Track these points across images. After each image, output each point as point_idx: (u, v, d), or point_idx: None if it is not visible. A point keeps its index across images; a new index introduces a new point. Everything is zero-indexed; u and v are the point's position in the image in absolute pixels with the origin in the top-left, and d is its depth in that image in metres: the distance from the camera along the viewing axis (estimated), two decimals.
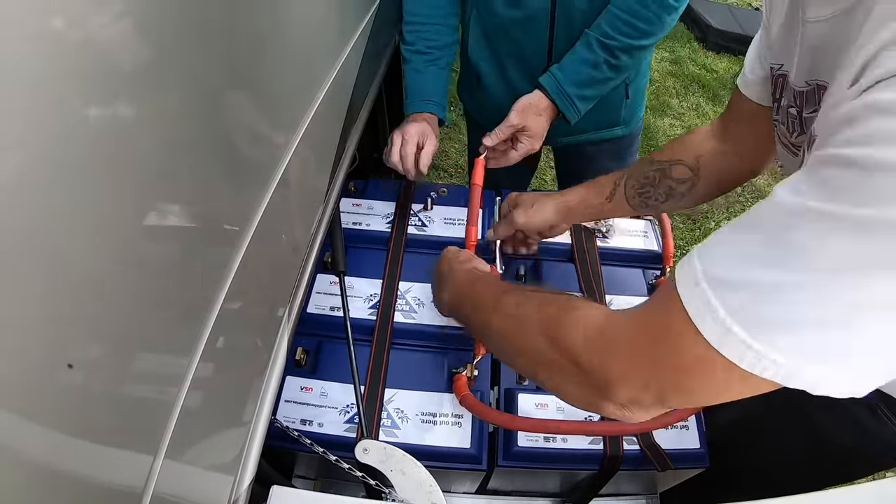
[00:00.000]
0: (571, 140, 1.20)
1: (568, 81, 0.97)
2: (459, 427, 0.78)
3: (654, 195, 0.82)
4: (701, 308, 0.38)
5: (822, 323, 0.34)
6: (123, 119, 0.35)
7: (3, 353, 0.28)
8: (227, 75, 0.50)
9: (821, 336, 0.34)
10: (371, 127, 1.33)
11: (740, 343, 0.36)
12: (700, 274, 0.39)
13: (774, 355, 0.35)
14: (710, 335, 0.37)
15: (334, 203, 0.88)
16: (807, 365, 0.35)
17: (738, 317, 0.36)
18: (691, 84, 3.41)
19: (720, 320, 0.37)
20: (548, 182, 2.48)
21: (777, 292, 0.35)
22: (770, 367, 0.36)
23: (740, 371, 0.37)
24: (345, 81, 0.86)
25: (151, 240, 0.41)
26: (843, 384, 0.35)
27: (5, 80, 0.26)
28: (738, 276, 0.37)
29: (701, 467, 0.81)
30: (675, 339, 0.40)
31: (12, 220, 0.27)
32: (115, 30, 0.34)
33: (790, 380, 0.36)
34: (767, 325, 0.35)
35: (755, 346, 0.35)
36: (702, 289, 0.38)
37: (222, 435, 0.57)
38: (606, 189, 0.87)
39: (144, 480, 0.42)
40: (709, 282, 0.38)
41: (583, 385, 0.50)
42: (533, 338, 0.55)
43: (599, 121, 1.15)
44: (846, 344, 0.34)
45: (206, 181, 0.48)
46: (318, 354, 0.84)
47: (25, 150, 0.28)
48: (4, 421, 0.28)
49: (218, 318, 0.50)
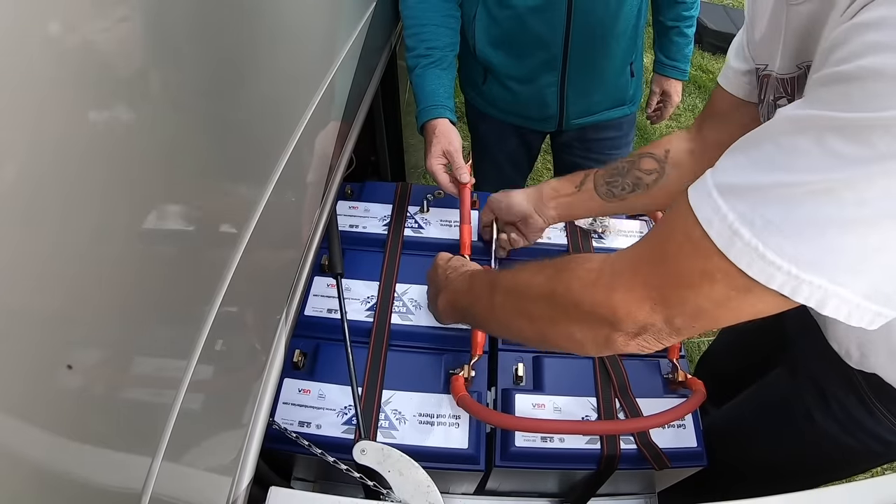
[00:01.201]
0: (583, 122, 1.25)
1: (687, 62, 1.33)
2: (457, 428, 0.78)
3: (622, 184, 0.83)
4: (710, 214, 0.38)
5: (826, 225, 0.34)
6: (122, 121, 0.36)
7: (2, 353, 0.28)
8: (224, 79, 0.50)
9: (825, 240, 0.34)
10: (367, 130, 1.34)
11: (747, 247, 0.36)
12: (711, 184, 0.39)
13: (781, 262, 0.35)
14: (717, 238, 0.38)
15: (331, 206, 0.89)
16: (813, 273, 0.35)
17: (746, 219, 0.36)
18: (688, 85, 3.41)
19: (729, 223, 0.37)
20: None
21: (781, 194, 0.35)
22: (776, 274, 0.36)
23: (746, 280, 0.37)
24: (341, 85, 0.86)
25: (150, 242, 0.41)
26: (852, 303, 0.35)
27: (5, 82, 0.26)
28: (745, 181, 0.38)
29: (698, 466, 0.82)
30: (682, 250, 0.41)
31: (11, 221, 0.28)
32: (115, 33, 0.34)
33: (797, 292, 0.36)
34: (774, 227, 0.35)
35: (761, 250, 0.36)
36: (713, 197, 0.38)
37: (220, 436, 0.58)
38: (577, 178, 0.89)
39: (143, 481, 0.42)
40: (719, 189, 0.38)
41: (591, 326, 0.49)
42: (533, 302, 0.56)
43: (612, 99, 1.24)
44: (851, 250, 0.34)
45: (203, 184, 0.49)
46: (315, 356, 0.84)
47: (24, 151, 0.28)
48: (4, 422, 0.29)
49: (216, 321, 0.51)
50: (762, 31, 0.59)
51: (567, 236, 1.05)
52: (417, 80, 1.08)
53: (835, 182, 0.33)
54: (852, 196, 0.33)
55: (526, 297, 0.57)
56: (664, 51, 1.33)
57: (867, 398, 0.71)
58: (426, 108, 1.06)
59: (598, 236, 1.06)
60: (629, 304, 0.45)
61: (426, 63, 1.06)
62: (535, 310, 0.55)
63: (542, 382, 0.84)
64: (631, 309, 0.45)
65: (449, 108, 1.07)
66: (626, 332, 0.47)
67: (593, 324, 0.49)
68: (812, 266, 0.35)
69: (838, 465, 0.82)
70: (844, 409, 0.73)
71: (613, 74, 1.18)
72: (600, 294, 0.47)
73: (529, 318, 0.57)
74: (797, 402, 0.80)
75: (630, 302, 0.45)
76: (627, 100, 1.27)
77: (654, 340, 0.47)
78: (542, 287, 0.54)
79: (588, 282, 0.49)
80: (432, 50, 1.06)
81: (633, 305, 0.45)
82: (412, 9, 1.06)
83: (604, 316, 0.47)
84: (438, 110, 1.05)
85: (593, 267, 0.49)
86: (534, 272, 0.57)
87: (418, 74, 1.07)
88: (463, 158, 1.02)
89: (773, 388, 0.88)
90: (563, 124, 1.24)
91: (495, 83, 1.20)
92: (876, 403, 0.70)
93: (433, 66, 1.06)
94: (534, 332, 0.57)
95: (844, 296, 0.35)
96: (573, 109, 1.21)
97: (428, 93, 1.06)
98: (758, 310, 0.40)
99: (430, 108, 1.05)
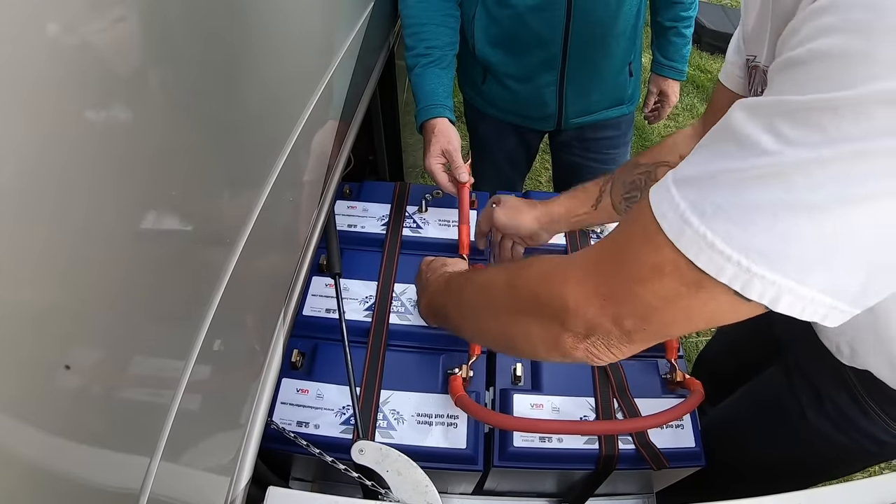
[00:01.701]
0: (582, 121, 1.26)
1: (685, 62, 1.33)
2: (455, 428, 0.78)
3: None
4: (665, 207, 0.37)
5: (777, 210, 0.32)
6: (120, 122, 0.36)
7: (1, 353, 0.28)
8: (223, 79, 0.50)
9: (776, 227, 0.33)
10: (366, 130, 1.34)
11: (695, 234, 0.35)
12: (670, 179, 0.38)
13: (731, 251, 0.34)
14: (668, 228, 0.37)
15: (329, 205, 0.88)
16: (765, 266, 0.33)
17: (697, 207, 0.35)
18: (685, 85, 3.42)
19: (680, 212, 0.36)
20: (543, 184, 2.49)
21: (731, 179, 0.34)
22: (726, 266, 0.34)
23: (696, 274, 0.36)
24: (339, 84, 0.86)
25: (148, 242, 0.41)
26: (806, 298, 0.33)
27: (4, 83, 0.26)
28: (700, 171, 0.37)
29: (696, 466, 0.82)
30: (635, 244, 0.40)
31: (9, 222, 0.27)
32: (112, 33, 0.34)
33: (749, 287, 0.34)
34: (722, 214, 0.34)
35: (709, 237, 0.34)
36: (670, 192, 0.37)
37: (219, 437, 0.58)
38: (592, 196, 0.87)
39: (141, 481, 0.42)
40: (676, 183, 0.38)
41: (543, 322, 0.48)
42: (497, 296, 0.55)
43: (610, 99, 1.24)
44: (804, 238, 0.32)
45: (201, 184, 0.49)
46: (313, 356, 0.84)
47: (22, 152, 0.28)
48: (2, 421, 0.29)
49: (214, 321, 0.51)
50: (752, 22, 0.59)
51: (566, 237, 1.05)
52: (416, 80, 1.08)
53: (785, 166, 0.32)
54: (804, 180, 0.31)
55: (491, 292, 0.57)
56: (662, 51, 1.34)
57: (860, 396, 0.71)
58: (425, 108, 1.06)
59: (596, 236, 1.06)
60: (578, 297, 0.44)
61: (426, 62, 1.06)
62: (499, 304, 0.55)
63: (540, 382, 0.84)
64: (580, 303, 0.44)
65: (448, 107, 1.07)
66: (574, 331, 0.45)
67: (545, 319, 0.48)
68: (763, 257, 0.33)
69: (833, 463, 0.82)
70: (837, 407, 0.74)
71: (612, 74, 1.18)
72: (555, 285, 0.46)
73: (495, 314, 0.57)
74: (791, 401, 0.80)
75: (580, 295, 0.44)
76: (626, 99, 1.27)
77: (604, 346, 0.45)
78: (505, 280, 0.54)
79: (546, 273, 0.49)
80: (432, 49, 1.06)
81: (582, 299, 0.44)
82: (412, 8, 1.06)
83: (555, 309, 0.46)
84: (438, 109, 1.05)
85: (555, 261, 0.49)
86: (501, 269, 0.57)
87: (417, 74, 1.07)
88: (462, 158, 1.02)
89: (767, 387, 0.88)
90: (562, 123, 1.24)
91: (494, 82, 1.20)
92: (869, 402, 0.70)
93: (432, 66, 1.06)
94: (498, 329, 0.56)
95: (798, 291, 0.33)
96: (572, 109, 1.21)
97: (427, 92, 1.06)
98: (711, 311, 0.38)
99: (429, 107, 1.05)
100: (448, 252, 0.99)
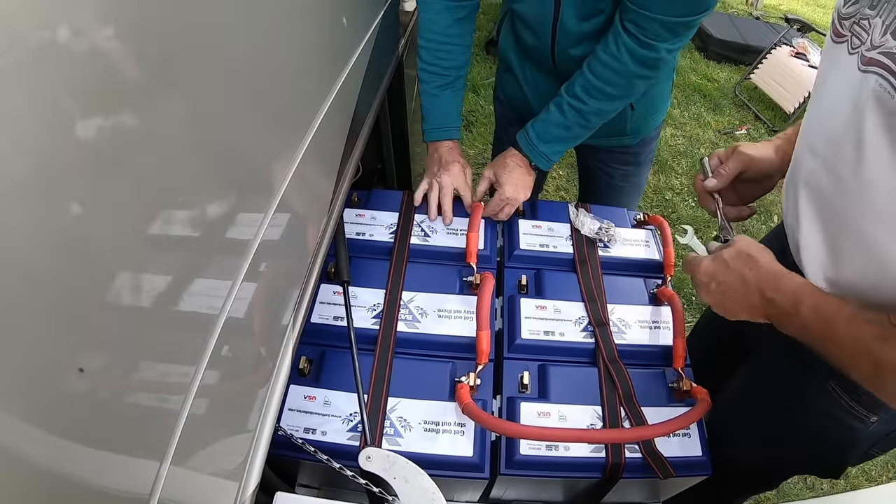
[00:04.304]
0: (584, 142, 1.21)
1: (541, 140, 1.05)
2: (462, 435, 0.78)
3: None
4: None
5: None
6: (135, 129, 0.37)
7: (16, 356, 0.28)
8: (234, 88, 0.51)
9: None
10: (374, 138, 1.35)
11: None
12: None
13: None
14: None
15: (338, 213, 0.89)
16: None
17: None
18: (692, 94, 3.42)
19: None
20: (550, 192, 2.49)
21: None
22: None
23: None
24: (348, 93, 0.87)
25: (160, 249, 0.42)
26: None
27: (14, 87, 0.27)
28: None
29: (703, 475, 0.81)
30: None
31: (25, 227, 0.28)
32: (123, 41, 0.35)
33: None
34: None
35: None
36: None
37: (227, 442, 0.58)
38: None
39: (151, 485, 0.43)
40: None
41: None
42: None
43: (605, 130, 1.13)
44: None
45: (213, 192, 0.49)
46: (321, 363, 0.85)
47: (35, 156, 0.29)
48: (17, 424, 0.29)
49: (224, 328, 0.51)
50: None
51: (573, 245, 1.05)
52: (430, 100, 1.09)
53: None
54: None
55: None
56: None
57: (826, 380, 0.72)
58: (437, 129, 1.09)
59: (603, 245, 1.06)
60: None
61: (442, 83, 1.08)
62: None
63: (547, 391, 0.84)
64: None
65: (457, 127, 1.10)
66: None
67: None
68: None
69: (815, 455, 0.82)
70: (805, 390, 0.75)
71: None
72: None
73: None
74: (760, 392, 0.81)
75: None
76: (626, 132, 1.20)
77: None
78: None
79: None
80: (449, 70, 1.07)
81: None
82: (434, 23, 1.05)
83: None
84: (449, 132, 1.08)
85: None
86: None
87: (433, 94, 1.08)
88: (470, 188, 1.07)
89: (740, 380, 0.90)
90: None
91: (511, 79, 1.21)
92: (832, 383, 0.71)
93: (448, 88, 1.08)
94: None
95: None
96: None
97: (440, 113, 1.09)
98: None
99: (440, 129, 1.08)
100: (455, 261, 1.00)
